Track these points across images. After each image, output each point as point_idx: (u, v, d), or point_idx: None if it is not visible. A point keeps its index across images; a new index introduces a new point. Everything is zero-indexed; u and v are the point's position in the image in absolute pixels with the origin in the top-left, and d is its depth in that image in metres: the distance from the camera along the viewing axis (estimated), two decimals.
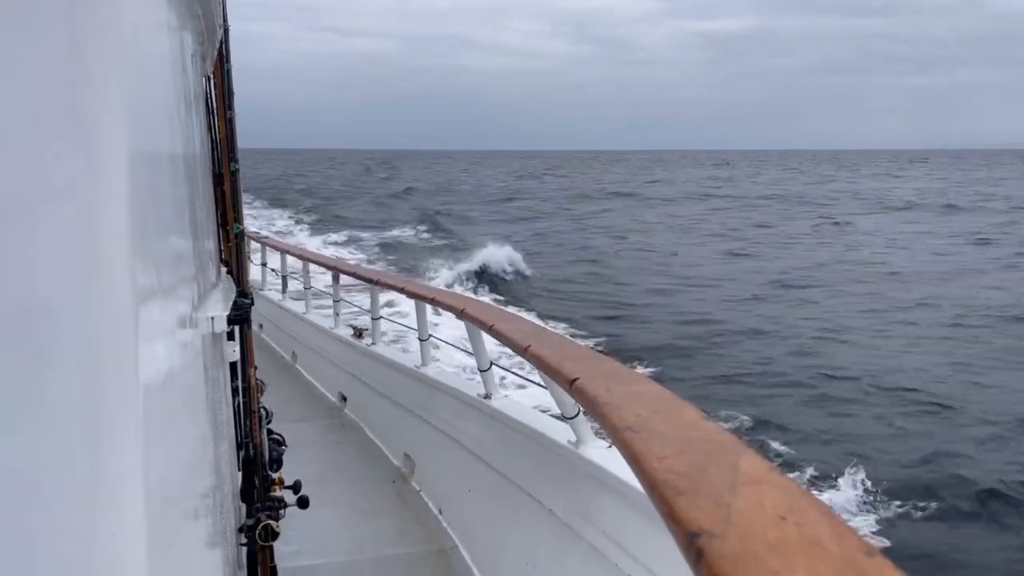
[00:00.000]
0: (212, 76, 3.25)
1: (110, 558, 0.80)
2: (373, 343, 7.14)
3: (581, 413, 3.38)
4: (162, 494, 1.14)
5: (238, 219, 3.04)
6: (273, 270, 10.97)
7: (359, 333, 7.53)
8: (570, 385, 2.24)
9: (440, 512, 5.09)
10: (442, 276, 25.46)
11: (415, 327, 5.97)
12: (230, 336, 2.87)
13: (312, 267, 9.24)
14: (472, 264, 26.90)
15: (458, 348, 6.31)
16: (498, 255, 27.65)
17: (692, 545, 0.97)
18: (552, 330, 3.38)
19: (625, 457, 1.46)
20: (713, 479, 1.20)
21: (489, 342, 4.29)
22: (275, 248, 10.97)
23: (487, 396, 4.67)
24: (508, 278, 26.25)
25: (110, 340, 0.83)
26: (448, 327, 8.38)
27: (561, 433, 3.71)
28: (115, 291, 0.86)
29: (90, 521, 0.75)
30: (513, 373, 5.28)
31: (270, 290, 10.99)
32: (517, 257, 27.95)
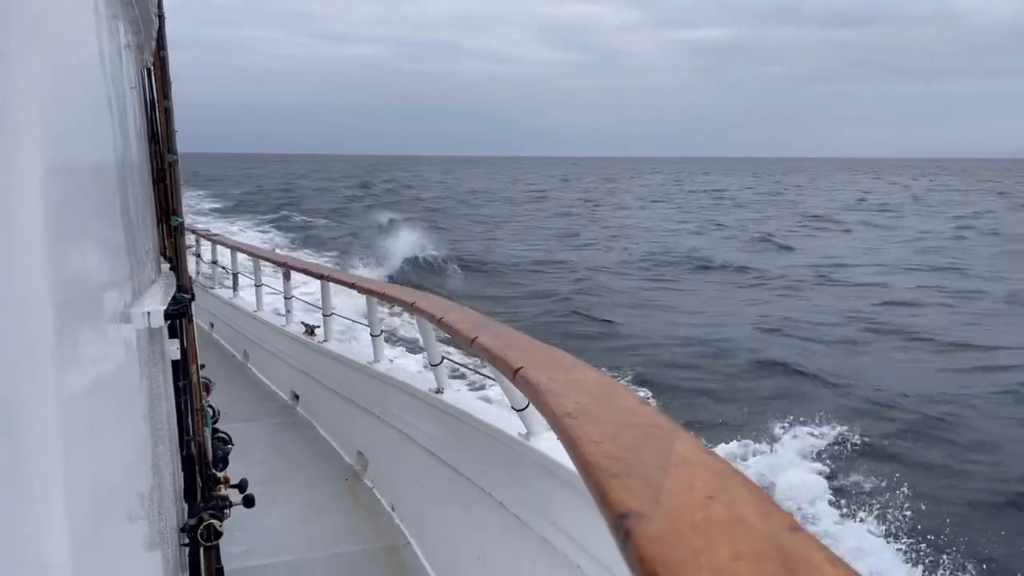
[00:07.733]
0: (152, 68, 3.16)
1: (29, 556, 0.77)
2: (325, 340, 7.05)
3: (530, 405, 3.38)
4: (90, 492, 1.10)
5: (177, 212, 2.97)
6: (224, 268, 10.77)
7: (311, 330, 7.44)
8: (514, 374, 2.23)
9: (393, 509, 5.05)
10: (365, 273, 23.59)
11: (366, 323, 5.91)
12: (172, 333, 2.80)
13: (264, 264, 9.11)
14: (395, 260, 26.83)
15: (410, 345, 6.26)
16: (409, 240, 28.45)
17: (620, 526, 0.96)
18: (500, 322, 3.36)
19: (563, 443, 1.45)
20: (646, 462, 1.19)
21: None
22: (225, 245, 10.77)
23: (439, 391, 4.64)
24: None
25: (25, 336, 0.79)
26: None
27: (513, 426, 3.69)
28: (29, 288, 0.82)
29: (6, 519, 0.72)
30: (464, 367, 5.25)
31: (221, 288, 10.80)
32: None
